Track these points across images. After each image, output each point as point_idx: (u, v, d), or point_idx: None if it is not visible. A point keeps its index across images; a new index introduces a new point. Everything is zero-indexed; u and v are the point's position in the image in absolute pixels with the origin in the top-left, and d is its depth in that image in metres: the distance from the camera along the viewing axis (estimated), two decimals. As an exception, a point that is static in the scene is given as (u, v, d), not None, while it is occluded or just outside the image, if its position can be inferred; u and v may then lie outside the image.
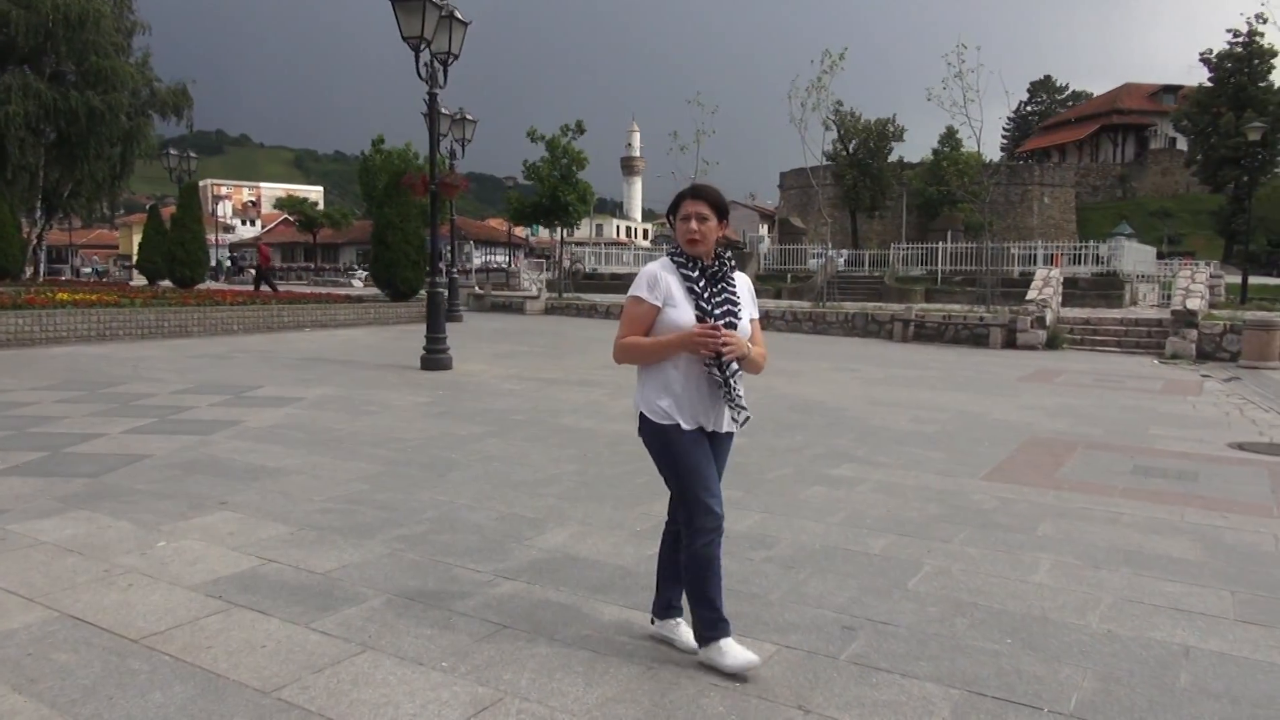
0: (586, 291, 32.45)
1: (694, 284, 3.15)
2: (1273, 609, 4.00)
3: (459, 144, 22.98)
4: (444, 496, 5.63)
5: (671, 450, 3.21)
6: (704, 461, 3.22)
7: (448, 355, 12.47)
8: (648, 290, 3.16)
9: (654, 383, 3.22)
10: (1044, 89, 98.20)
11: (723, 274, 3.22)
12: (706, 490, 3.20)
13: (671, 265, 3.21)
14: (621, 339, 3.23)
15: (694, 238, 3.15)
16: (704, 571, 3.23)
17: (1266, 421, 9.60)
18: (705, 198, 3.17)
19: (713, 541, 3.22)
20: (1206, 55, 55.24)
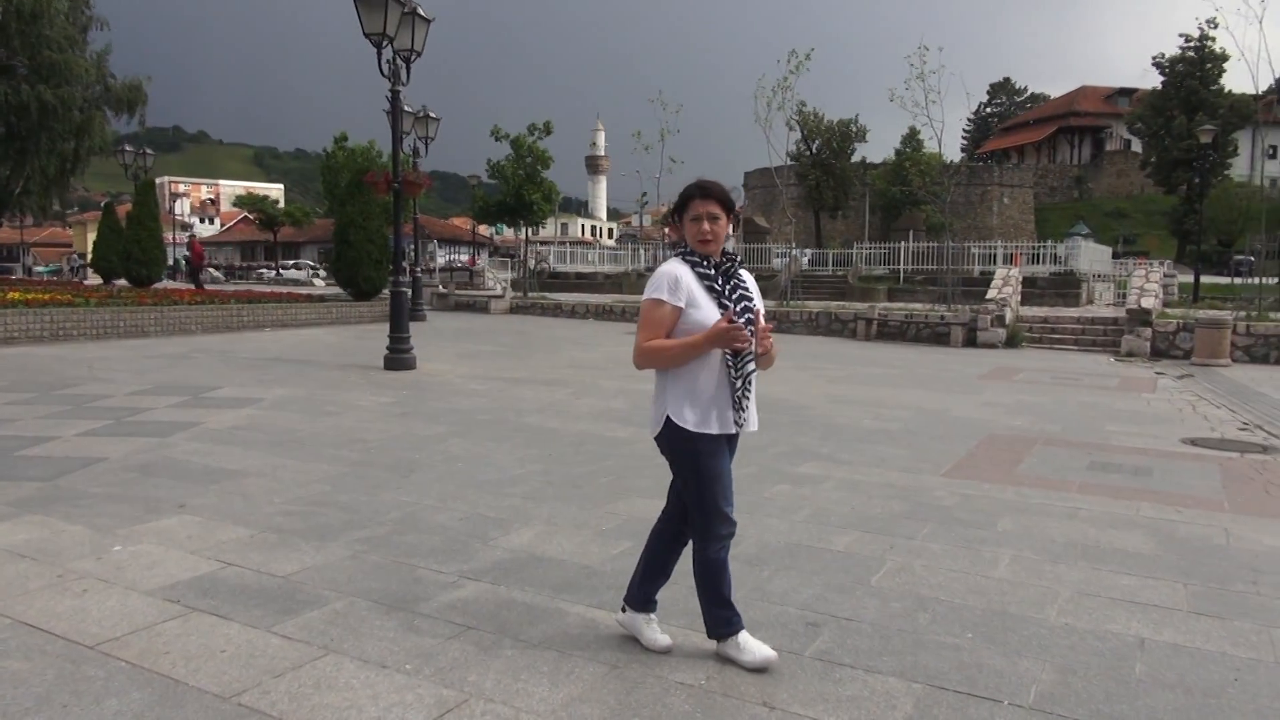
0: (552, 291, 32.37)
1: (713, 282, 3.12)
2: (1224, 600, 4.09)
3: (422, 142, 22.79)
4: (408, 497, 5.59)
5: (698, 459, 3.16)
6: (725, 470, 3.21)
7: (411, 355, 12.37)
8: (669, 292, 3.10)
9: (680, 387, 3.15)
10: (1003, 91, 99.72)
11: (733, 270, 3.20)
12: (726, 500, 3.20)
13: (686, 265, 3.16)
14: (643, 343, 3.16)
15: (706, 239, 3.12)
16: (719, 575, 3.28)
17: (1218, 418, 9.82)
18: (715, 196, 3.12)
19: (725, 547, 3.28)
20: (1159, 59, 56.46)
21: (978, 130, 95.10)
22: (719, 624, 3.30)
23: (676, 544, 3.43)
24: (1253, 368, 15.48)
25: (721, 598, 3.28)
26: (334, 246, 23.57)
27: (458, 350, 15.37)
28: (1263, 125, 39.52)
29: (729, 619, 3.29)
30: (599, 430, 8.08)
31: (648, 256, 38.90)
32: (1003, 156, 79.76)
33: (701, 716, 2.90)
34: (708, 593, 3.30)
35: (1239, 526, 5.36)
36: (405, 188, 13.69)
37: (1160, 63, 56.24)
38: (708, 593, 3.30)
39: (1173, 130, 53.63)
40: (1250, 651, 3.53)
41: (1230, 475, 6.81)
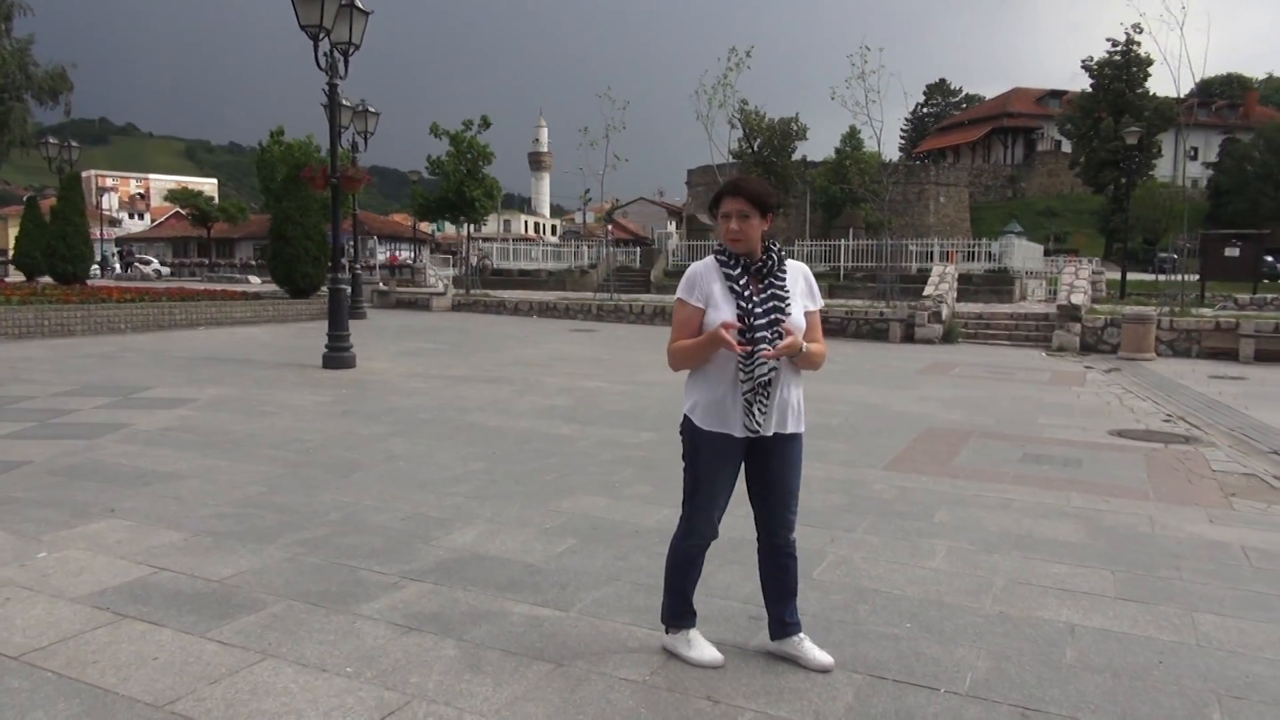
0: (495, 288, 32.12)
1: (735, 283, 3.06)
2: (1149, 586, 4.24)
3: (361, 137, 22.43)
4: (347, 498, 5.50)
5: (698, 455, 3.17)
6: (724, 475, 3.18)
7: (351, 353, 12.17)
8: (688, 293, 3.11)
9: (698, 386, 3.17)
10: (939, 91, 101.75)
11: (770, 269, 3.11)
12: (713, 503, 3.21)
13: (714, 264, 3.13)
14: (670, 344, 3.16)
15: (735, 237, 3.06)
16: (688, 570, 3.31)
17: (1143, 410, 10.16)
18: (745, 194, 3.04)
19: (700, 546, 3.29)
20: (1088, 63, 58.09)
21: (915, 130, 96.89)
22: (674, 615, 3.34)
23: (776, 557, 3.35)
24: (1176, 361, 16.05)
25: (682, 590, 3.32)
26: (270, 243, 23.07)
27: (399, 348, 15.17)
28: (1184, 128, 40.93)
29: (683, 612, 3.33)
30: (543, 428, 8.05)
31: (591, 254, 38.83)
32: (939, 156, 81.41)
33: (646, 712, 2.91)
34: (671, 582, 3.33)
35: (1163, 515, 5.56)
36: (344, 183, 13.46)
37: (1089, 66, 57.91)
38: (671, 582, 3.33)
39: (1100, 132, 55.27)
40: (1174, 635, 3.66)
41: (1155, 465, 7.06)
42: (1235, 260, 26.28)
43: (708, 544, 3.30)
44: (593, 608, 3.80)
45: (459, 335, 18.29)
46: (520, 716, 2.86)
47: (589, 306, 24.29)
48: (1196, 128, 65.87)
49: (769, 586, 3.38)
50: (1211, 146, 71.46)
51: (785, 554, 3.33)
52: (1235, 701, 3.09)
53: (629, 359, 14.51)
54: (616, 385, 11.12)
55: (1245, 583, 4.32)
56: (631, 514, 5.28)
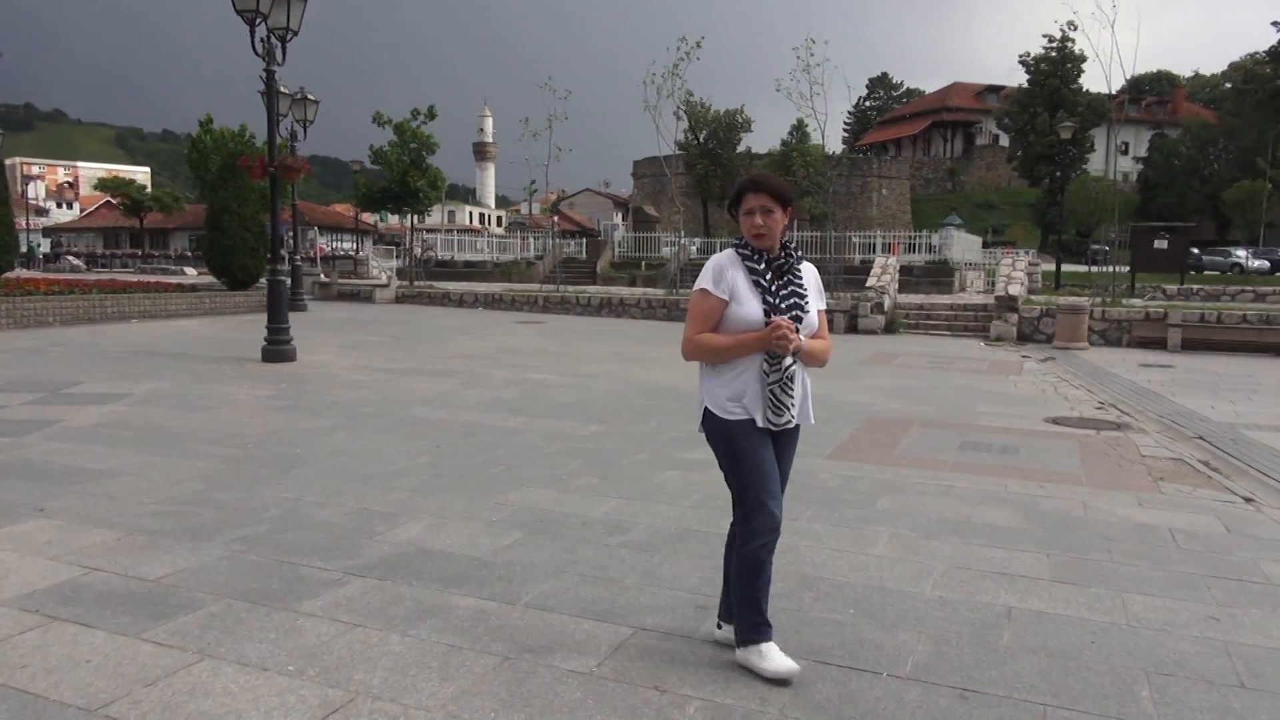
0: (439, 279, 31.76)
1: (760, 278, 3.06)
2: (1082, 569, 4.37)
3: (300, 125, 21.93)
4: (289, 494, 5.40)
5: (736, 447, 3.09)
6: (768, 461, 3.10)
7: (291, 346, 11.94)
8: (713, 284, 3.06)
9: (719, 379, 3.11)
10: (881, 85, 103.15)
11: (789, 266, 3.12)
12: (767, 492, 3.07)
13: (737, 258, 3.11)
14: (693, 335, 3.11)
15: (760, 233, 3.05)
16: (755, 575, 3.15)
17: (1077, 398, 10.45)
18: (768, 189, 3.05)
19: (767, 545, 3.13)
20: (1025, 58, 59.42)
21: (858, 123, 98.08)
22: (746, 629, 3.17)
23: None
24: (1108, 350, 16.53)
25: (753, 601, 3.15)
26: (206, 234, 22.52)
27: (341, 341, 14.92)
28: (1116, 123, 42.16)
29: (758, 625, 3.16)
30: (489, 421, 8.00)
31: (537, 245, 38.63)
32: (881, 149, 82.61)
33: (593, 704, 2.92)
34: (741, 593, 3.17)
35: (1095, 499, 5.73)
36: (282, 173, 13.17)
37: (1026, 61, 59.23)
38: (741, 593, 3.17)
39: (1036, 126, 56.60)
40: (1105, 615, 3.78)
41: (1088, 451, 7.27)
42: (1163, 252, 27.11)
43: (775, 540, 3.13)
44: (540, 600, 3.79)
45: (403, 327, 18.06)
46: (467, 710, 2.85)
47: (535, 298, 24.16)
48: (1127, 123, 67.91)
49: None
50: (1141, 141, 73.70)
51: None
52: (1163, 678, 3.20)
53: (576, 351, 14.48)
54: (564, 377, 11.09)
55: (1172, 564, 4.48)
56: (579, 506, 5.27)
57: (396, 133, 28.59)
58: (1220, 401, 10.08)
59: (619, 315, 22.55)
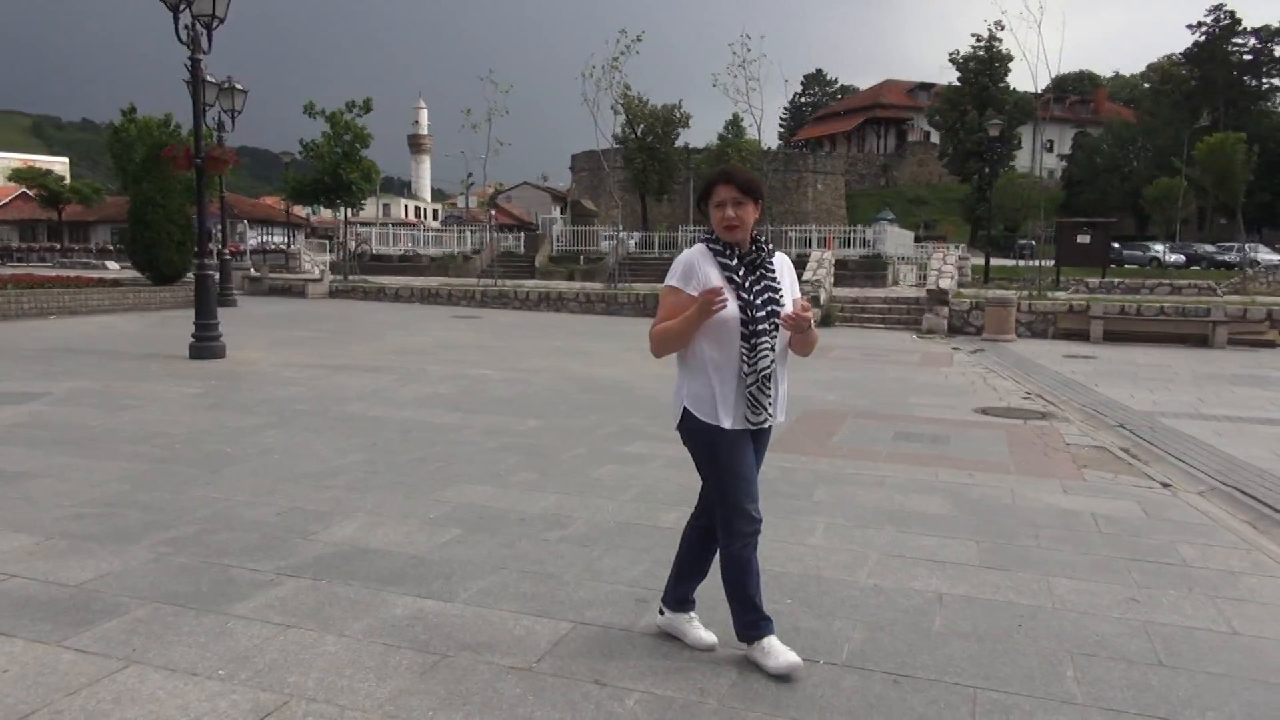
0: (374, 274, 31.24)
1: (734, 273, 3.01)
2: (1010, 555, 4.50)
3: (228, 115, 21.32)
4: (218, 493, 5.27)
5: (716, 451, 3.06)
6: (748, 464, 3.08)
7: (220, 343, 11.63)
8: (684, 280, 3.01)
9: (697, 380, 3.06)
10: (816, 82, 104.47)
11: (761, 260, 3.08)
12: (747, 495, 3.08)
13: (709, 253, 3.05)
14: (653, 329, 3.07)
15: (732, 224, 3.00)
16: (742, 574, 3.16)
17: (1005, 388, 10.74)
18: (738, 181, 3.01)
19: (750, 544, 3.13)
20: (955, 57, 60.74)
21: (793, 119, 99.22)
22: (745, 626, 3.18)
23: (708, 541, 3.29)
24: (1034, 342, 17.02)
25: (747, 598, 3.16)
26: (129, 227, 21.78)
27: (272, 337, 14.58)
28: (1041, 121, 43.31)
29: (755, 622, 3.17)
30: (426, 417, 7.90)
31: (475, 239, 38.25)
32: (816, 145, 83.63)
33: (533, 699, 2.91)
34: (733, 592, 3.18)
35: (1023, 487, 5.90)
36: (209, 164, 12.81)
37: (956, 60, 60.54)
38: (733, 592, 3.18)
39: (966, 124, 57.96)
40: (1032, 599, 3.90)
41: (1015, 440, 7.48)
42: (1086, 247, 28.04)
43: (755, 538, 3.15)
44: (478, 597, 3.76)
45: (337, 323, 17.73)
46: (404, 710, 2.81)
47: (473, 293, 23.94)
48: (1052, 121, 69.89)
49: (689, 565, 3.34)
50: (1066, 139, 75.94)
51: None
52: (1086, 659, 3.32)
53: (515, 345, 14.38)
54: (502, 372, 11.01)
55: (1095, 548, 4.64)
56: (518, 502, 5.25)
57: (329, 124, 27.97)
58: (1139, 391, 10.46)
59: (557, 310, 22.47)
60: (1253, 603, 3.93)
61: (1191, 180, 48.10)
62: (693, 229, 35.50)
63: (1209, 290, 23.62)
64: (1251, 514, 5.38)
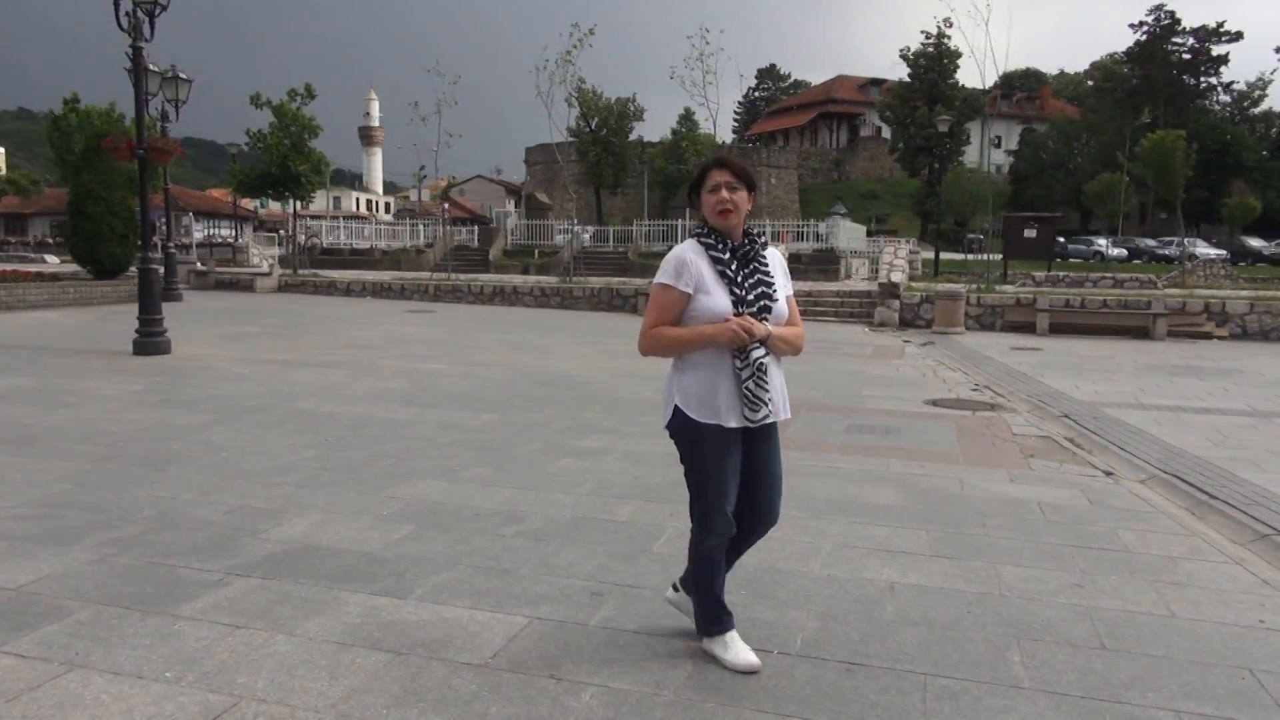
0: (325, 268, 30.79)
1: (726, 267, 2.95)
2: (959, 543, 4.59)
3: (172, 105, 20.85)
4: (164, 492, 5.15)
5: (700, 450, 3.01)
6: (730, 466, 3.03)
7: (165, 338, 11.37)
8: (675, 276, 2.94)
9: (689, 377, 3.01)
10: (770, 76, 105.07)
11: (754, 253, 3.03)
12: (724, 497, 3.03)
13: (700, 248, 2.99)
14: (649, 329, 3.00)
15: (726, 208, 2.94)
16: (712, 572, 3.14)
17: (954, 380, 10.93)
18: (732, 166, 2.97)
19: (721, 545, 3.11)
20: (905, 53, 61.48)
21: (747, 113, 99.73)
22: (708, 620, 3.18)
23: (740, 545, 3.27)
24: (982, 335, 17.34)
25: (713, 595, 3.16)
26: (69, 219, 21.18)
27: (220, 332, 14.29)
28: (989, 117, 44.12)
29: (718, 617, 3.17)
30: (378, 412, 7.81)
31: (428, 232, 37.87)
32: (770, 139, 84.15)
33: (488, 695, 2.89)
34: (700, 588, 3.18)
35: (971, 477, 6.01)
36: (152, 155, 12.50)
37: (906, 56, 61.29)
38: (700, 588, 3.18)
39: (916, 119, 58.74)
40: (980, 586, 3.98)
41: (964, 431, 7.62)
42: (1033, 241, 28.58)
43: (727, 540, 3.12)
44: (432, 594, 3.73)
45: (287, 317, 17.43)
46: (358, 709, 2.78)
47: (426, 286, 23.70)
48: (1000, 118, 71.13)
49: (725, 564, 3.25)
50: (1013, 135, 77.34)
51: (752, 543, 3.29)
52: (1032, 643, 3.39)
53: (468, 340, 14.28)
54: (455, 367, 10.92)
55: (1040, 535, 4.74)
56: (472, 497, 5.21)
57: (276, 115, 27.45)
58: (1083, 382, 10.71)
59: (512, 304, 22.34)
60: (1191, 587, 4.05)
61: (1133, 176, 49.32)
62: (648, 223, 35.57)
63: (1150, 284, 24.26)
64: (1189, 500, 5.55)
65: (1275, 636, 3.53)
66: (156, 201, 20.77)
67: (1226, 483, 5.83)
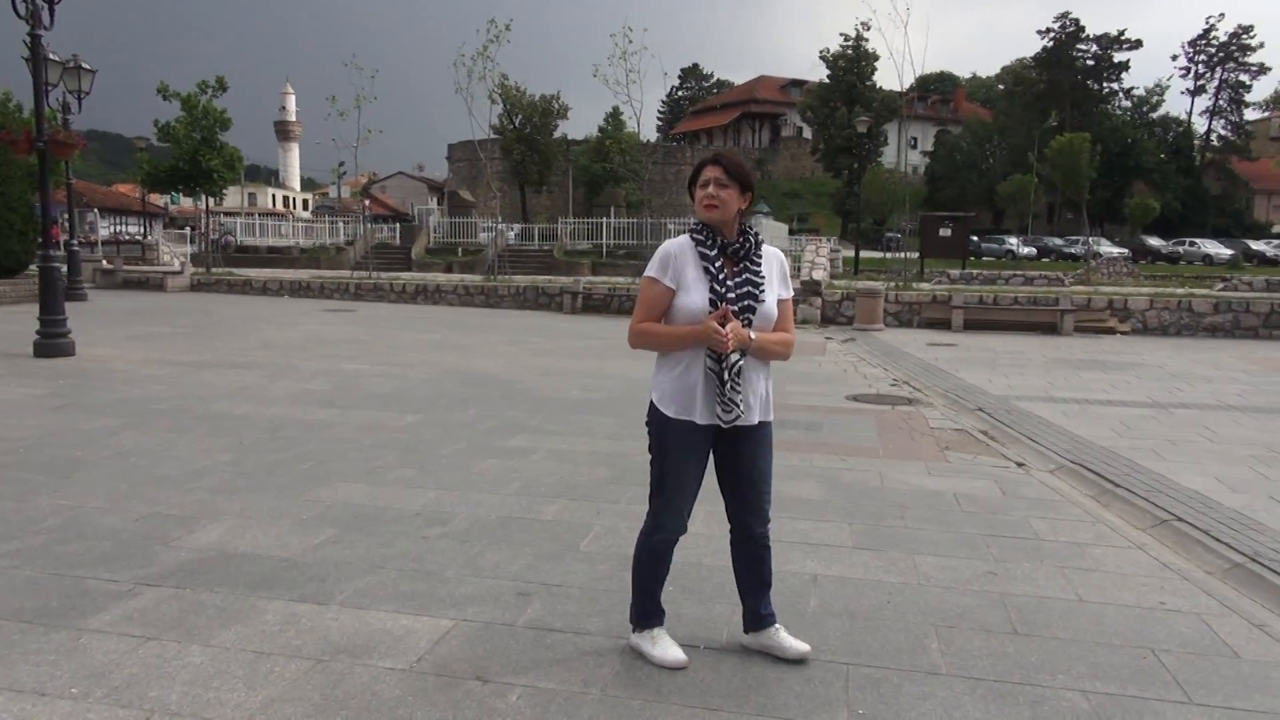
0: (240, 266, 29.90)
1: (710, 264, 2.92)
2: (879, 535, 4.70)
3: (74, 96, 19.95)
4: (68, 500, 4.94)
5: (666, 445, 3.02)
6: (692, 465, 3.04)
7: (69, 339, 10.89)
8: (659, 271, 2.94)
9: (666, 373, 3.03)
10: (693, 76, 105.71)
11: (746, 252, 2.98)
12: (680, 494, 3.06)
13: (689, 243, 2.96)
14: (637, 323, 2.98)
15: (711, 203, 2.92)
16: (655, 566, 3.15)
17: (875, 376, 11.18)
18: (724, 163, 2.95)
19: (671, 542, 3.14)
20: (825, 54, 62.57)
21: (671, 112, 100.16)
22: (642, 615, 3.19)
23: (750, 548, 3.21)
24: (901, 331, 17.76)
25: (650, 590, 3.17)
26: (-39, 215, 20.09)
27: (128, 333, 13.75)
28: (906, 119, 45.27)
29: (652, 611, 3.19)
30: (297, 414, 7.62)
31: (348, 230, 37.08)
32: (694, 138, 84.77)
33: (413, 700, 2.85)
34: (638, 580, 3.18)
35: (891, 470, 6.16)
36: (53, 148, 11.95)
37: (826, 58, 62.37)
38: (638, 580, 3.18)
39: (836, 120, 59.84)
40: (900, 577, 4.08)
41: (884, 425, 7.80)
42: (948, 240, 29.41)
43: (676, 539, 3.14)
44: (355, 599, 3.66)
45: (200, 317, 16.87)
46: (278, 718, 2.71)
47: (346, 285, 23.20)
48: (916, 119, 73.01)
49: (744, 580, 3.25)
50: (928, 137, 79.43)
51: (760, 545, 3.20)
52: (949, 630, 3.50)
53: (391, 339, 14.03)
54: (378, 367, 10.72)
55: (956, 526, 4.89)
56: (396, 499, 5.13)
57: (185, 108, 26.49)
58: (996, 376, 11.07)
59: (435, 302, 22.03)
60: (1097, 572, 4.23)
61: (1042, 177, 51.15)
62: (573, 221, 35.49)
63: (1058, 281, 25.18)
64: (1095, 489, 5.78)
65: (1175, 617, 3.70)
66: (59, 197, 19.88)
67: (1129, 471, 6.10)
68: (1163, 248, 49.05)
